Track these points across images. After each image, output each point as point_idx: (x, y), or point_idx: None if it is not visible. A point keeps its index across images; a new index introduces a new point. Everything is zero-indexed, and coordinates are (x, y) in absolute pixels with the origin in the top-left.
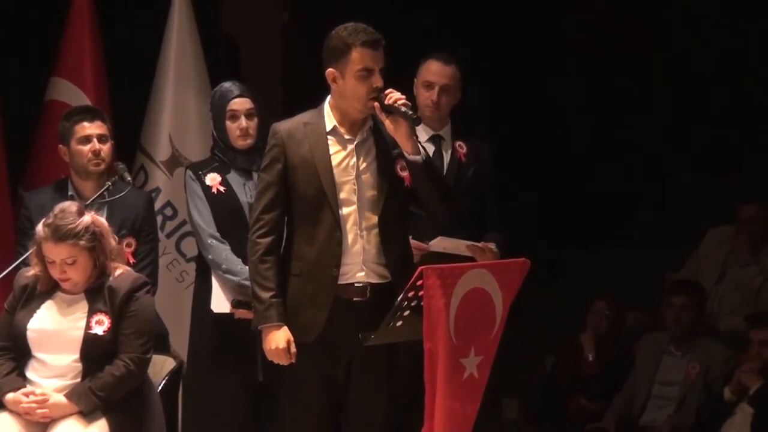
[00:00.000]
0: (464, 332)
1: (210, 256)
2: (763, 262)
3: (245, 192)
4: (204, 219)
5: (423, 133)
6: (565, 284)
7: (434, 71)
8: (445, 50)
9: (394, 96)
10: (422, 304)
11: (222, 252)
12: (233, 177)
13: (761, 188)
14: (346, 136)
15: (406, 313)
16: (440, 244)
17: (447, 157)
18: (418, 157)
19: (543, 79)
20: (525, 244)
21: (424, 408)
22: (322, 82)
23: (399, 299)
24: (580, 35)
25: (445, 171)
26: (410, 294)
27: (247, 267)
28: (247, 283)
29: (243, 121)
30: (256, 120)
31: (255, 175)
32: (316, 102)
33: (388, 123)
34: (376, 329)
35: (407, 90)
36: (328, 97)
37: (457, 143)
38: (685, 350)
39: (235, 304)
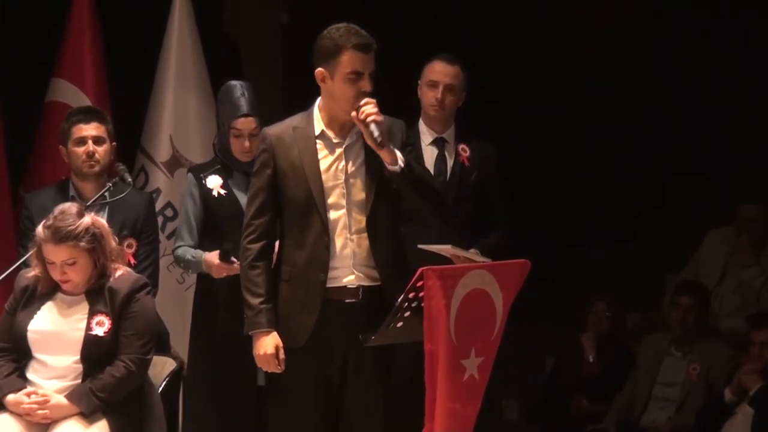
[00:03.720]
0: (465, 333)
1: (176, 254)
2: (764, 263)
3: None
4: (188, 228)
5: (427, 136)
6: (565, 285)
7: (438, 71)
8: (446, 51)
9: (366, 110)
10: (423, 305)
11: (186, 252)
12: (235, 180)
13: (762, 189)
14: (335, 140)
15: (407, 314)
16: (448, 250)
17: (450, 160)
18: (395, 168)
19: (544, 80)
20: (525, 244)
21: (425, 409)
22: None
23: (399, 300)
24: (581, 36)
25: (448, 175)
26: (411, 295)
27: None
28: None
29: (246, 142)
30: (259, 137)
31: None
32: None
33: (364, 134)
34: (376, 330)
35: (409, 92)
36: (318, 99)
37: (460, 146)
38: (686, 351)
39: (223, 254)
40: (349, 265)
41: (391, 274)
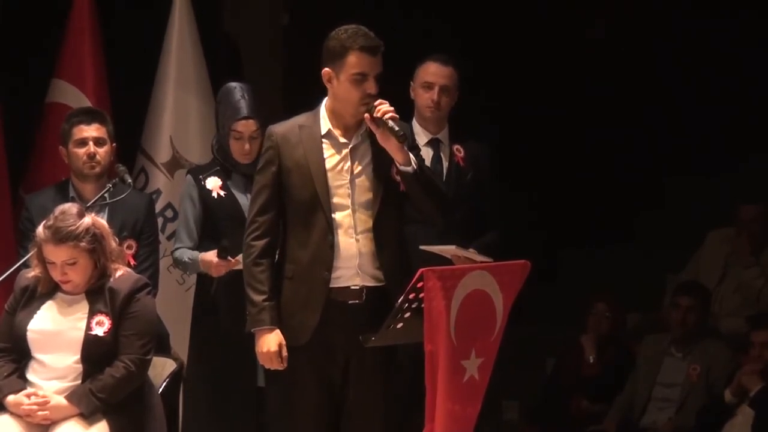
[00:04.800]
0: (465, 334)
1: (174, 256)
2: (764, 264)
3: (247, 195)
4: (187, 230)
5: (422, 137)
6: (565, 285)
7: (433, 72)
8: (445, 52)
9: (383, 109)
10: (423, 306)
11: (183, 254)
12: (234, 181)
13: (762, 189)
14: (341, 140)
15: (407, 315)
16: (451, 250)
17: (446, 161)
18: (408, 168)
19: (543, 80)
20: (525, 245)
21: (425, 410)
22: (323, 83)
23: (400, 301)
24: (581, 35)
25: (444, 176)
26: (411, 296)
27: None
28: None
29: (246, 144)
30: (259, 140)
31: None
32: (317, 104)
33: (378, 134)
34: (376, 331)
35: (405, 93)
36: (325, 100)
37: (455, 147)
38: (686, 352)
39: (221, 251)
40: (354, 265)
41: (396, 275)
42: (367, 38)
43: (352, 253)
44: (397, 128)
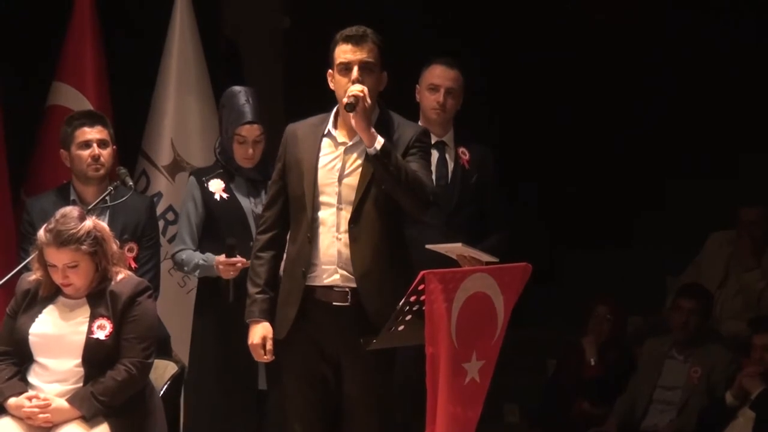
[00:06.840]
0: (466, 337)
1: (180, 258)
2: (766, 266)
3: (249, 199)
4: (189, 231)
5: None
6: (566, 288)
7: (438, 74)
8: (447, 54)
9: (349, 88)
10: (424, 308)
11: (194, 256)
12: (237, 184)
13: (763, 191)
14: (340, 139)
15: (408, 317)
16: (458, 248)
17: (451, 163)
18: (371, 149)
19: (544, 80)
20: (526, 247)
21: (426, 413)
22: (324, 86)
23: (401, 303)
24: (581, 35)
25: (449, 178)
26: (412, 298)
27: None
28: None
29: (249, 149)
30: (262, 144)
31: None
32: (317, 107)
33: (351, 118)
34: (376, 333)
35: (408, 95)
36: None
37: (460, 149)
38: (688, 354)
39: (228, 250)
40: (333, 263)
41: (368, 277)
42: (351, 30)
43: (332, 251)
44: (347, 101)
